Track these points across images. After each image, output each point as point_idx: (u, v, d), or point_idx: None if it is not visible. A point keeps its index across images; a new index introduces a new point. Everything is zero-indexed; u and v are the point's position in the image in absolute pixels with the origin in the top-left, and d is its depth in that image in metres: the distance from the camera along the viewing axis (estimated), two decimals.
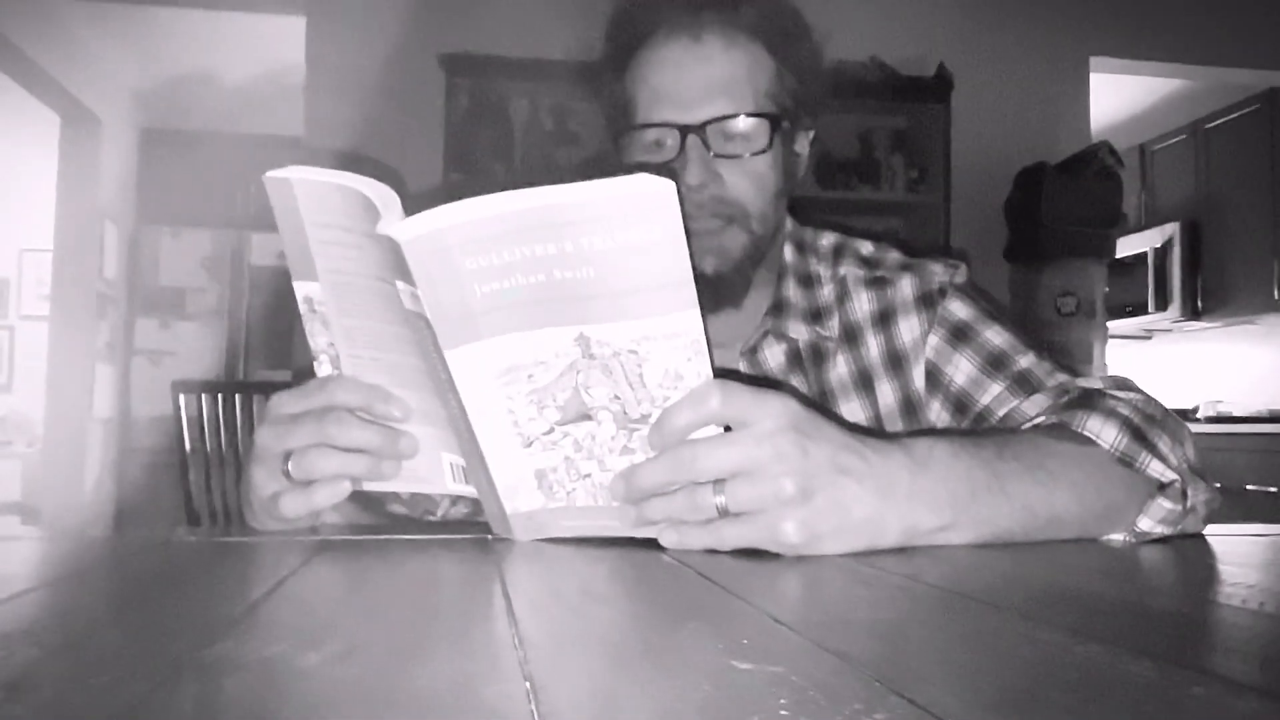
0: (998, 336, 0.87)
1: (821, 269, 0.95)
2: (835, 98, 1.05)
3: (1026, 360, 0.84)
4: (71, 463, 4.06)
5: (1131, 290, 3.88)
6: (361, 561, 0.53)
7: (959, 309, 0.89)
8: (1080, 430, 0.66)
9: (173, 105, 4.62)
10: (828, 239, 0.97)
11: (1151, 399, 0.75)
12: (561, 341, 0.52)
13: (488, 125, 2.89)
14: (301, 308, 0.62)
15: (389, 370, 0.61)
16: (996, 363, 0.85)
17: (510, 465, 0.57)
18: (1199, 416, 3.50)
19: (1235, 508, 2.88)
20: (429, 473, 0.63)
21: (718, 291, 0.87)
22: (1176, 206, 3.84)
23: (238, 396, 1.88)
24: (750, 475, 0.52)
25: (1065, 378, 0.82)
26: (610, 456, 0.55)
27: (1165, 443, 0.67)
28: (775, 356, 0.92)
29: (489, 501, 0.60)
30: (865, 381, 0.91)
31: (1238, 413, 3.48)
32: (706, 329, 0.51)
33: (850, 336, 0.92)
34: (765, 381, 0.85)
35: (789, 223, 0.96)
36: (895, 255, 0.95)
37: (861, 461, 0.53)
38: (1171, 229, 3.75)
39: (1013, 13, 3.31)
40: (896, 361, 0.90)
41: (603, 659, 0.33)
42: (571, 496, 0.57)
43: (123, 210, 4.49)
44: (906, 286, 0.91)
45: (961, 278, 0.92)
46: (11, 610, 0.40)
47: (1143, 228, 3.91)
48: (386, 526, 0.74)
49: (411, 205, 0.52)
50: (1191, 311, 3.73)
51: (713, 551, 0.53)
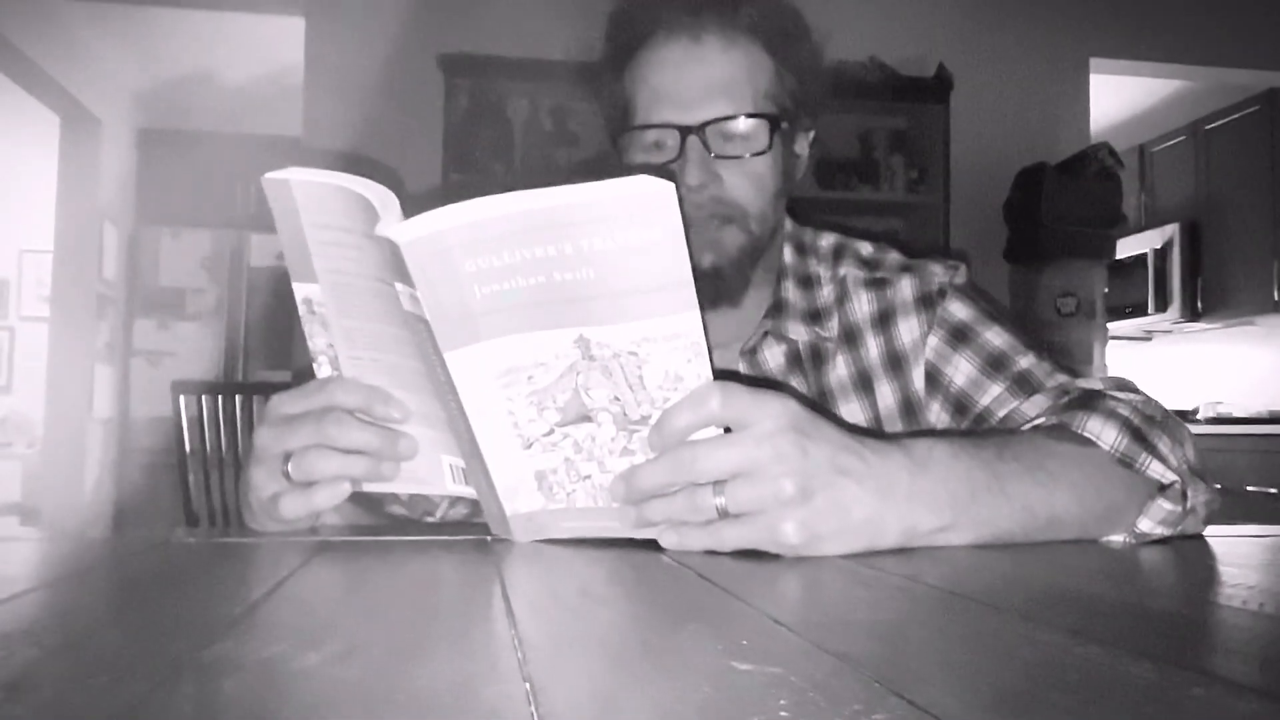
0: (998, 337, 0.87)
1: (821, 270, 0.95)
2: (835, 98, 1.05)
3: (1026, 361, 0.84)
4: (71, 463, 4.06)
5: (1131, 291, 3.88)
6: (361, 562, 0.53)
7: (959, 310, 0.89)
8: (1080, 431, 0.66)
9: (172, 105, 4.62)
10: (827, 240, 0.97)
11: (1151, 400, 0.75)
12: (561, 343, 0.52)
13: (487, 126, 2.90)
14: (301, 309, 0.61)
15: (388, 371, 0.61)
16: (996, 363, 0.85)
17: (510, 467, 0.57)
18: (1199, 417, 3.50)
19: (1235, 508, 2.88)
20: (428, 474, 0.63)
21: (716, 287, 0.87)
22: (1176, 207, 3.84)
23: (237, 397, 1.88)
24: (750, 476, 0.52)
25: (1065, 378, 0.82)
26: (610, 458, 0.55)
27: (1165, 444, 0.67)
28: (775, 357, 0.92)
29: (489, 503, 0.60)
30: (865, 382, 0.91)
31: (1238, 414, 3.48)
32: (706, 330, 0.51)
33: (850, 337, 0.92)
34: (765, 382, 0.86)
35: (788, 223, 0.96)
36: (895, 256, 0.95)
37: (861, 462, 0.53)
38: (1171, 230, 3.75)
39: (1012, 13, 3.31)
40: (896, 362, 0.90)
41: (602, 660, 0.33)
42: (571, 498, 0.57)
43: (122, 211, 4.49)
44: (906, 287, 0.91)
45: (961, 278, 0.92)
46: (11, 610, 0.40)
47: (1143, 228, 3.90)
48: (386, 527, 0.74)
49: (411, 206, 0.52)
50: (1191, 312, 3.73)
51: (712, 552, 0.53)
